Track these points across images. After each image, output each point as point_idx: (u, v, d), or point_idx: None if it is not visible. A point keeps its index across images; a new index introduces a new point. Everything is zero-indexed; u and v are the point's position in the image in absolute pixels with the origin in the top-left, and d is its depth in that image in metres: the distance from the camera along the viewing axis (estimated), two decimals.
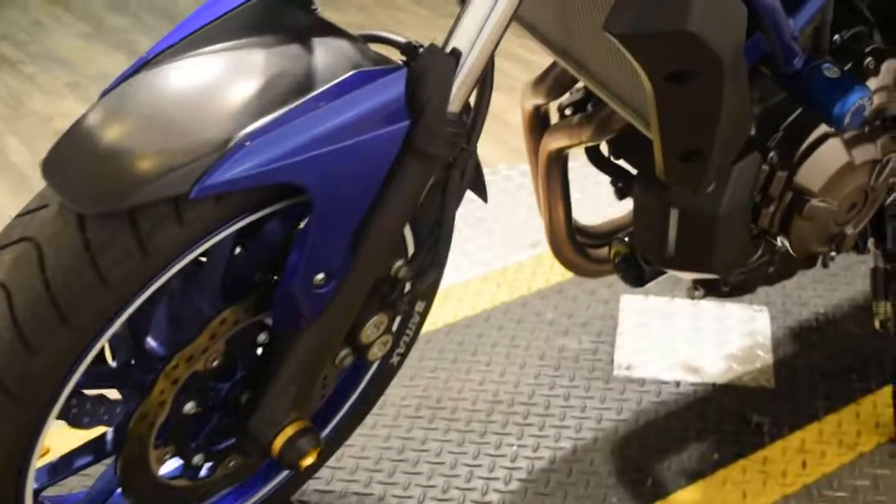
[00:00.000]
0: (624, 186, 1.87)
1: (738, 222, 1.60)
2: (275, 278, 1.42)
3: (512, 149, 2.92)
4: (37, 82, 3.46)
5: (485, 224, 2.60)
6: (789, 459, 1.92)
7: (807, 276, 2.30)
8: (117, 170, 1.22)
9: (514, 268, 2.44)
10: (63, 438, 1.52)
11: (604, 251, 1.94)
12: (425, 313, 1.73)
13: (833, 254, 1.77)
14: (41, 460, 1.40)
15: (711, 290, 1.85)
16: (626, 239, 1.84)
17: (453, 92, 1.32)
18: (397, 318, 1.63)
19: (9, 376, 1.23)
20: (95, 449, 1.50)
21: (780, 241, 1.68)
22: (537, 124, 1.87)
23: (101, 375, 1.42)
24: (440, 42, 1.35)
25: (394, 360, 1.74)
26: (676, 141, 1.41)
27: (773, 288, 2.22)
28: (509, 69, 3.27)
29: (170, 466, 1.52)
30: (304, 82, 1.29)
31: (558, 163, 1.85)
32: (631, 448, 1.95)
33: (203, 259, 1.38)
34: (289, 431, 1.45)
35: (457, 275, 2.40)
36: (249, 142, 1.23)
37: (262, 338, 1.45)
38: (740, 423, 2.00)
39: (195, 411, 1.45)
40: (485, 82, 1.40)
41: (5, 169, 2.95)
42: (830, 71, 1.46)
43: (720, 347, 2.18)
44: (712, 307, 2.28)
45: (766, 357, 2.15)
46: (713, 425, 1.99)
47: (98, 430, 1.48)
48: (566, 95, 1.82)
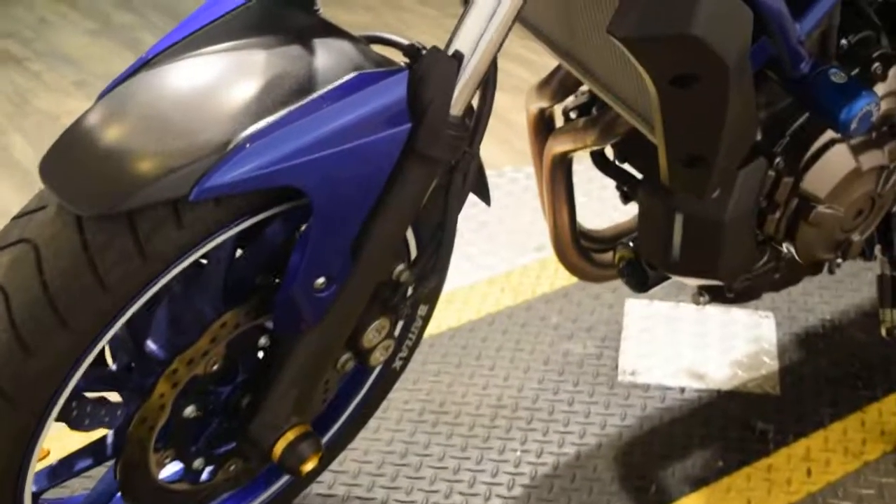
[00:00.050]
0: (629, 190, 1.86)
1: (743, 228, 1.59)
2: (276, 281, 1.41)
3: (517, 151, 2.91)
4: (43, 80, 3.46)
5: (489, 227, 2.59)
6: (794, 467, 1.91)
7: (813, 282, 2.29)
8: (116, 171, 1.21)
9: (519, 271, 2.43)
10: (63, 441, 1.51)
11: (608, 255, 1.93)
12: (428, 317, 1.72)
13: (839, 260, 1.76)
14: (40, 463, 1.39)
15: (716, 296, 1.84)
16: (631, 244, 1.83)
17: (455, 95, 1.31)
18: (399, 323, 1.62)
19: (6, 378, 1.23)
20: (95, 452, 1.49)
21: (786, 248, 1.68)
22: (542, 127, 1.86)
23: (100, 378, 1.42)
24: (445, 44, 1.34)
25: (396, 364, 1.73)
26: (681, 146, 1.40)
27: (778, 294, 2.21)
28: (514, 70, 3.26)
29: (170, 470, 1.52)
30: (304, 84, 1.28)
31: (563, 166, 1.84)
32: (635, 454, 1.94)
33: (204, 261, 1.38)
34: (290, 436, 1.44)
35: (461, 278, 2.39)
36: (249, 144, 1.22)
37: (263, 341, 1.45)
38: (745, 430, 1.99)
39: (195, 415, 1.44)
40: (487, 85, 1.39)
41: (10, 167, 2.95)
42: (837, 76, 1.45)
43: (725, 353, 2.17)
44: (718, 313, 2.27)
45: (771, 364, 2.14)
46: (718, 432, 1.98)
47: (98, 433, 1.47)
48: (571, 98, 1.82)
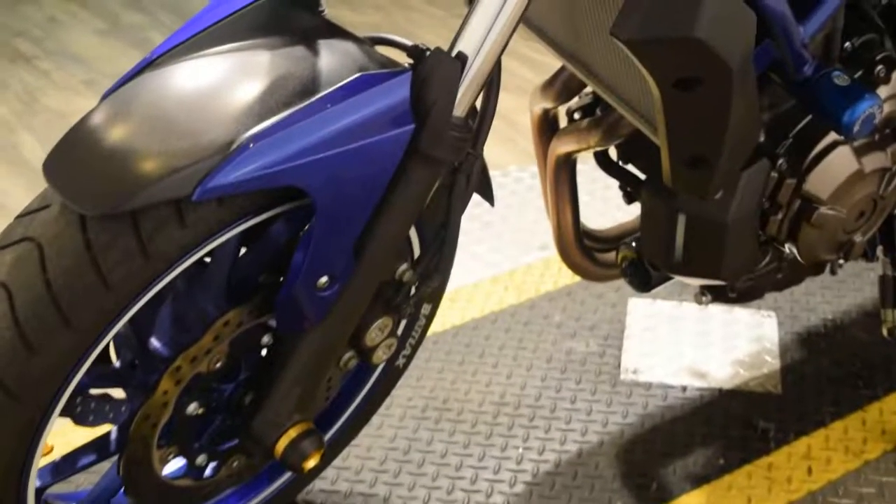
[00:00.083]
0: (632, 191, 1.85)
1: (746, 229, 1.58)
2: (280, 280, 1.40)
3: (522, 150, 2.89)
4: (52, 79, 3.45)
5: (494, 226, 2.57)
6: (795, 466, 1.89)
7: (815, 282, 2.27)
8: (119, 171, 1.20)
9: (523, 270, 2.42)
10: (67, 437, 1.51)
11: (611, 255, 1.92)
12: (431, 316, 1.71)
13: (841, 261, 1.74)
14: (44, 459, 1.38)
15: (719, 295, 1.82)
16: (634, 244, 1.82)
17: (459, 96, 1.30)
18: (402, 322, 1.61)
19: (10, 376, 1.22)
20: (99, 447, 1.49)
21: (789, 249, 1.66)
22: (546, 128, 1.85)
23: (105, 375, 1.42)
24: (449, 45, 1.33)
25: (399, 362, 1.72)
26: (684, 148, 1.39)
27: (781, 293, 2.19)
28: (518, 70, 3.25)
29: (173, 466, 1.51)
30: (308, 84, 1.27)
31: (567, 167, 1.83)
32: (636, 452, 1.93)
33: (207, 260, 1.37)
34: (292, 433, 1.43)
35: (465, 277, 2.38)
36: (253, 144, 1.21)
37: (266, 340, 1.44)
38: (746, 429, 1.97)
39: (198, 412, 1.44)
40: (491, 86, 1.38)
41: (19, 164, 2.95)
42: (840, 79, 1.44)
43: (727, 352, 2.15)
44: (720, 312, 2.25)
45: (773, 362, 2.12)
46: (719, 430, 1.97)
47: (102, 429, 1.47)
48: (575, 99, 1.80)
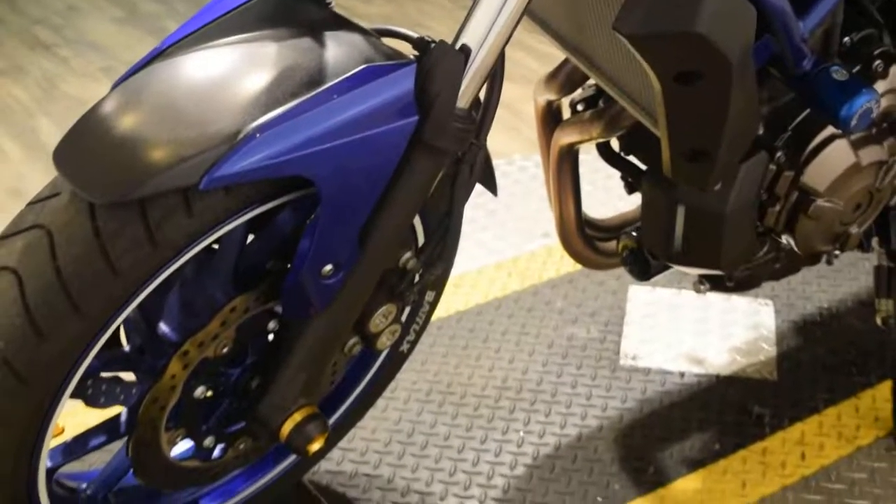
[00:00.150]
0: (633, 181, 1.83)
1: (744, 220, 1.56)
2: (286, 267, 1.38)
3: (527, 139, 2.87)
4: (71, 66, 3.43)
5: (498, 214, 2.55)
6: (789, 451, 1.88)
7: (811, 271, 2.25)
8: (128, 160, 1.18)
9: (526, 257, 2.40)
10: (79, 417, 1.49)
11: (612, 244, 1.90)
12: (435, 303, 1.69)
13: (837, 252, 1.72)
14: (55, 440, 1.37)
15: (717, 284, 1.80)
16: (634, 233, 1.80)
17: (462, 88, 1.28)
18: (406, 308, 1.59)
19: (20, 361, 1.21)
20: (109, 429, 1.47)
21: (786, 240, 1.64)
22: (549, 119, 1.82)
23: (115, 359, 1.40)
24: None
25: (403, 347, 1.70)
26: (684, 140, 1.37)
27: (778, 282, 2.17)
28: (523, 60, 3.22)
29: (181, 448, 1.50)
30: (315, 76, 1.25)
31: (569, 157, 1.81)
32: (634, 436, 1.91)
33: (215, 247, 1.35)
34: (297, 417, 1.42)
35: (469, 263, 2.36)
36: (259, 134, 1.19)
37: (273, 326, 1.42)
38: (742, 415, 1.95)
39: (206, 395, 1.42)
40: (495, 78, 1.36)
41: (37, 149, 2.93)
42: (839, 73, 1.41)
43: (725, 339, 2.13)
44: (718, 300, 2.23)
45: (769, 350, 2.10)
46: (715, 416, 1.95)
47: (112, 411, 1.45)
48: (578, 91, 1.78)
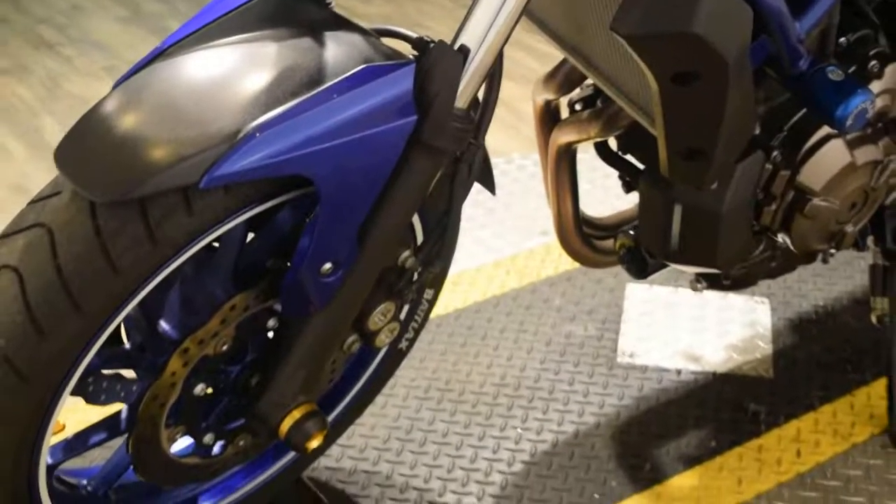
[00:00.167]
0: (631, 180, 1.82)
1: (740, 219, 1.55)
2: (287, 265, 1.38)
3: (526, 138, 2.86)
4: (74, 65, 3.42)
5: (497, 212, 2.55)
6: (784, 448, 1.87)
7: (807, 269, 2.25)
8: (128, 159, 1.18)
9: (525, 255, 2.40)
10: (80, 414, 1.49)
11: (610, 243, 1.89)
12: (434, 300, 1.69)
13: (833, 251, 1.72)
14: (56, 437, 1.37)
15: (714, 283, 1.80)
16: (632, 232, 1.80)
17: (461, 88, 1.28)
18: (405, 306, 1.58)
19: (20, 359, 1.20)
20: (110, 426, 1.47)
21: (782, 238, 1.64)
22: (548, 119, 1.82)
23: (115, 356, 1.40)
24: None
25: (402, 345, 1.70)
26: (680, 140, 1.37)
27: (774, 280, 2.17)
28: (522, 59, 3.22)
29: (181, 445, 1.49)
30: (314, 76, 1.25)
31: (567, 156, 1.81)
32: (631, 433, 1.91)
33: (216, 245, 1.35)
34: (296, 414, 1.42)
35: (468, 261, 2.36)
36: (259, 133, 1.19)
37: (272, 323, 1.42)
38: (738, 412, 1.95)
39: (206, 393, 1.42)
40: (493, 78, 1.35)
41: (41, 148, 2.92)
42: (835, 74, 1.41)
43: (721, 337, 2.13)
44: (715, 298, 2.23)
45: (765, 347, 2.10)
46: (711, 413, 1.95)
47: (113, 408, 1.45)
48: (576, 91, 1.78)
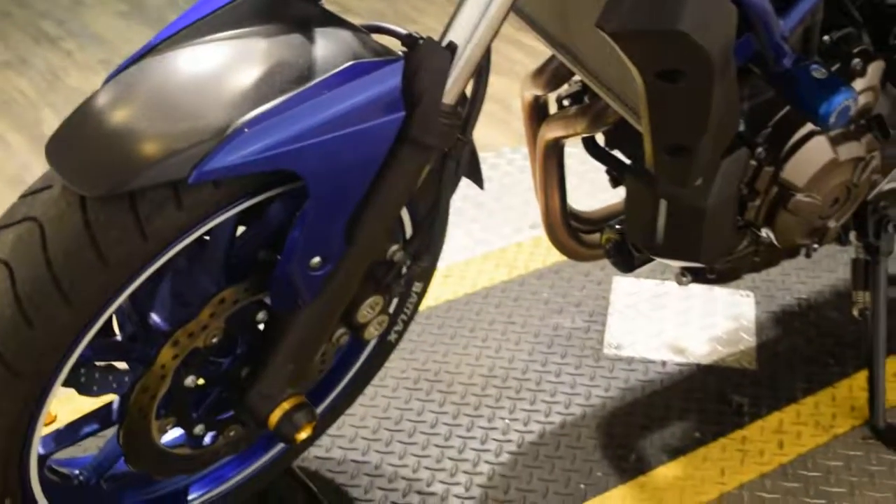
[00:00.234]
0: (618, 175, 1.80)
1: (724, 214, 1.53)
2: (277, 258, 1.36)
3: (516, 133, 2.84)
4: (74, 58, 3.39)
5: (487, 205, 2.52)
6: (767, 439, 1.86)
7: (791, 263, 2.23)
8: (118, 153, 1.16)
9: (514, 248, 2.37)
10: (74, 404, 1.47)
11: (597, 236, 1.87)
12: (423, 293, 1.66)
13: (816, 245, 1.70)
14: (47, 428, 1.35)
15: (699, 276, 1.78)
16: (618, 226, 1.78)
17: (449, 84, 1.25)
18: (394, 299, 1.56)
19: (11, 351, 1.18)
20: (101, 417, 1.46)
21: (766, 233, 1.62)
22: (536, 114, 1.80)
23: (107, 347, 1.38)
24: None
25: (391, 337, 1.68)
26: (665, 136, 1.35)
27: (758, 274, 2.15)
28: (514, 55, 3.19)
29: (172, 435, 1.47)
30: (304, 72, 1.23)
31: (555, 151, 1.79)
32: (617, 424, 1.89)
33: (207, 238, 1.33)
34: (285, 406, 1.40)
35: (458, 253, 2.34)
36: (248, 129, 1.16)
37: (262, 316, 1.39)
38: (722, 403, 1.93)
39: (196, 384, 1.40)
40: (481, 74, 1.33)
41: (41, 140, 2.87)
42: (818, 72, 1.39)
43: (706, 330, 2.11)
44: (700, 291, 2.21)
45: (749, 340, 2.08)
46: (696, 404, 1.93)
47: (105, 399, 1.43)
48: (564, 87, 1.75)
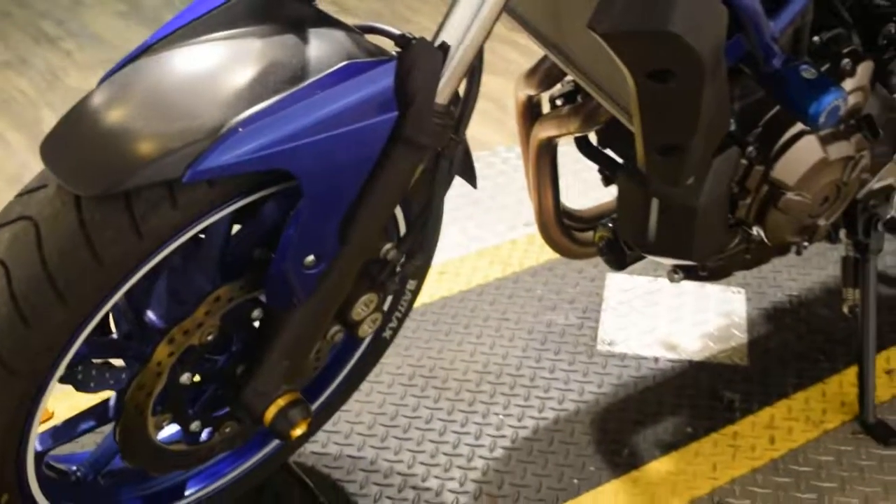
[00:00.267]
0: (610, 174, 1.80)
1: (715, 213, 1.53)
2: (272, 256, 1.35)
3: (511, 131, 2.82)
4: (73, 58, 3.38)
5: (482, 203, 2.52)
6: (758, 435, 1.85)
7: (782, 260, 2.22)
8: (113, 153, 1.15)
9: (508, 245, 2.37)
10: (71, 400, 1.46)
11: (589, 234, 1.87)
12: (417, 291, 1.66)
13: (806, 243, 1.70)
14: (44, 425, 1.34)
15: (690, 274, 1.78)
16: (610, 224, 1.77)
17: (441, 84, 1.25)
18: (388, 297, 1.56)
19: (6, 349, 1.18)
20: (98, 414, 1.45)
21: (756, 231, 1.62)
22: (529, 114, 1.79)
23: (103, 345, 1.37)
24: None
25: (386, 334, 1.67)
26: (657, 136, 1.34)
27: (749, 271, 2.14)
28: (509, 55, 3.18)
29: (169, 431, 1.47)
30: (297, 72, 1.22)
31: (548, 150, 1.78)
32: (610, 420, 1.89)
33: (203, 236, 1.32)
34: (280, 403, 1.39)
35: (453, 251, 2.33)
36: (242, 128, 1.16)
37: (257, 314, 1.39)
38: (713, 399, 1.93)
39: (191, 381, 1.39)
40: (474, 74, 1.32)
41: (40, 139, 2.87)
42: (808, 72, 1.38)
43: (698, 326, 2.11)
44: (692, 288, 2.20)
45: (741, 336, 2.08)
46: (688, 400, 1.93)
47: (102, 396, 1.42)
48: (557, 87, 1.75)
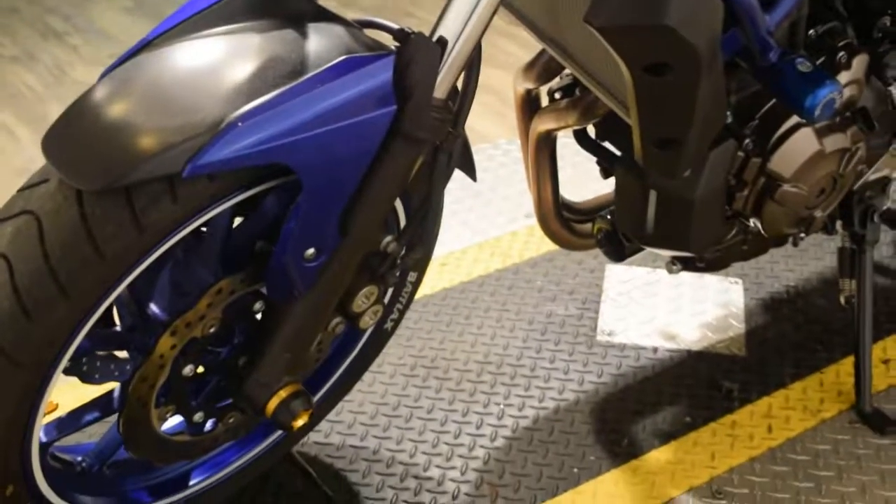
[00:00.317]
0: (608, 166, 1.79)
1: (713, 205, 1.52)
2: (274, 249, 1.34)
3: (512, 124, 2.78)
4: (80, 53, 3.37)
5: (483, 195, 2.51)
6: (756, 424, 1.84)
7: (779, 251, 2.22)
8: (114, 148, 1.15)
9: (509, 237, 2.36)
10: (76, 392, 1.46)
11: (588, 226, 1.86)
12: (418, 283, 1.65)
13: (803, 234, 1.69)
14: (49, 416, 1.34)
15: (688, 265, 1.77)
16: (609, 216, 1.76)
17: (439, 79, 1.24)
18: (389, 289, 1.55)
19: (9, 342, 1.17)
20: (103, 405, 1.44)
21: (753, 223, 1.61)
22: (528, 107, 1.78)
23: (107, 337, 1.37)
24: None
25: (387, 325, 1.67)
26: (653, 129, 1.33)
27: (747, 262, 2.14)
28: (509, 48, 3.17)
29: (173, 422, 1.46)
30: (296, 66, 1.21)
31: (547, 143, 1.77)
32: (609, 409, 1.88)
33: (204, 230, 1.31)
34: (282, 394, 1.39)
35: (454, 242, 2.32)
36: (241, 123, 1.15)
37: (258, 306, 1.38)
38: (712, 389, 1.92)
39: (194, 373, 1.39)
40: (472, 68, 1.32)
41: None
42: (803, 65, 1.37)
43: (696, 316, 2.10)
44: (691, 278, 2.19)
45: (738, 326, 2.07)
46: (686, 390, 1.92)
47: (106, 387, 1.42)
48: (555, 80, 1.74)
